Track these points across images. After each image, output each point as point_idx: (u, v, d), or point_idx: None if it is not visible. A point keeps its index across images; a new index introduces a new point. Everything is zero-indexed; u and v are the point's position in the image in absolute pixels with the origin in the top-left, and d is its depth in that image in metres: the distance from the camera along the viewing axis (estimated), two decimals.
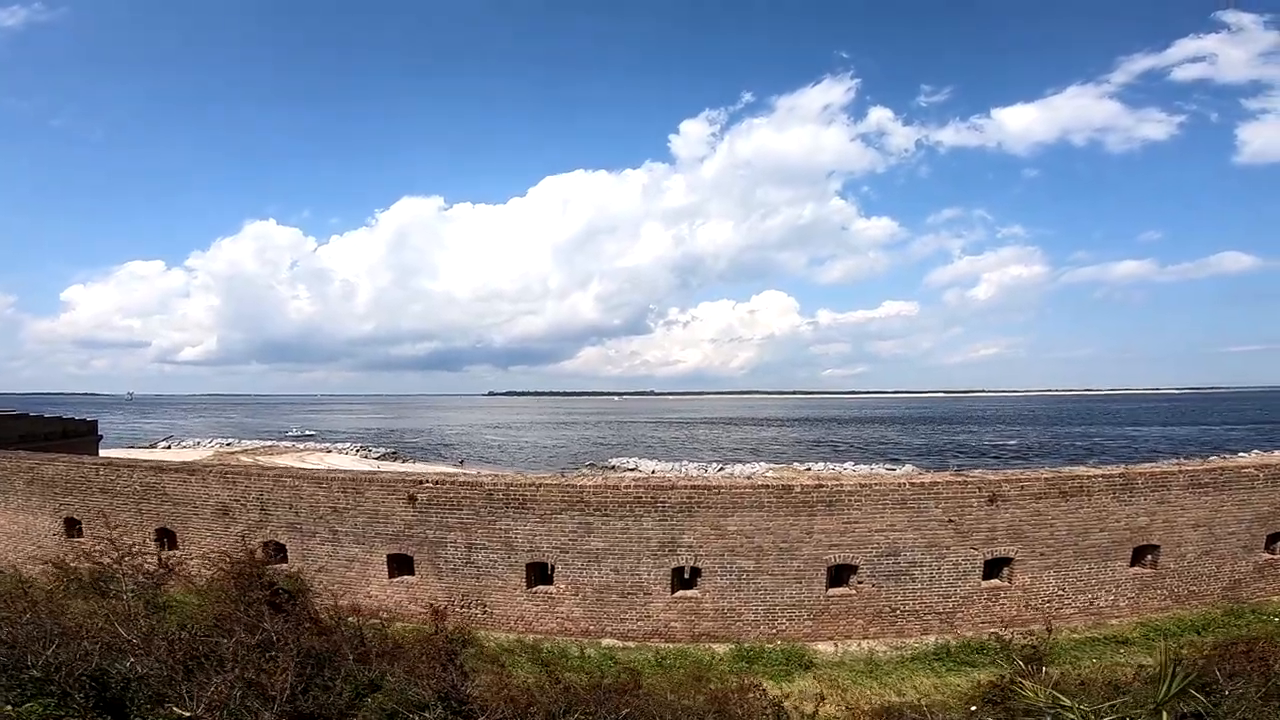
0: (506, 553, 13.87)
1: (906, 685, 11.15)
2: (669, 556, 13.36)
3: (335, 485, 14.52)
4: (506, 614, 14.17)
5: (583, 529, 13.50)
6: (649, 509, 13.25)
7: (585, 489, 13.52)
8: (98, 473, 16.89)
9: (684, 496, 13.18)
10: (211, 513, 15.48)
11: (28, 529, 18.10)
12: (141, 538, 16.46)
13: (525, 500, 13.65)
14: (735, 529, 13.15)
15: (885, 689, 11.05)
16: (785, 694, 9.05)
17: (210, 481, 15.52)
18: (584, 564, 13.65)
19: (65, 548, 17.55)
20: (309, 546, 14.75)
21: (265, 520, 15.02)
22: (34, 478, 17.77)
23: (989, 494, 13.46)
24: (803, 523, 13.12)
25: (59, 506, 17.47)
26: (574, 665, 11.32)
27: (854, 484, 13.35)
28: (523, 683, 5.69)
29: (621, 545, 13.43)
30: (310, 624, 6.53)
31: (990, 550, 13.53)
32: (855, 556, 13.28)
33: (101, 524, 16.88)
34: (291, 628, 5.95)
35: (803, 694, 9.65)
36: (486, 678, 5.68)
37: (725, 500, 13.14)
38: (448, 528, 14.00)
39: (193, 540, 15.84)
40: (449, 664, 5.16)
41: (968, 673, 11.25)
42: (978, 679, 9.60)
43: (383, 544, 14.35)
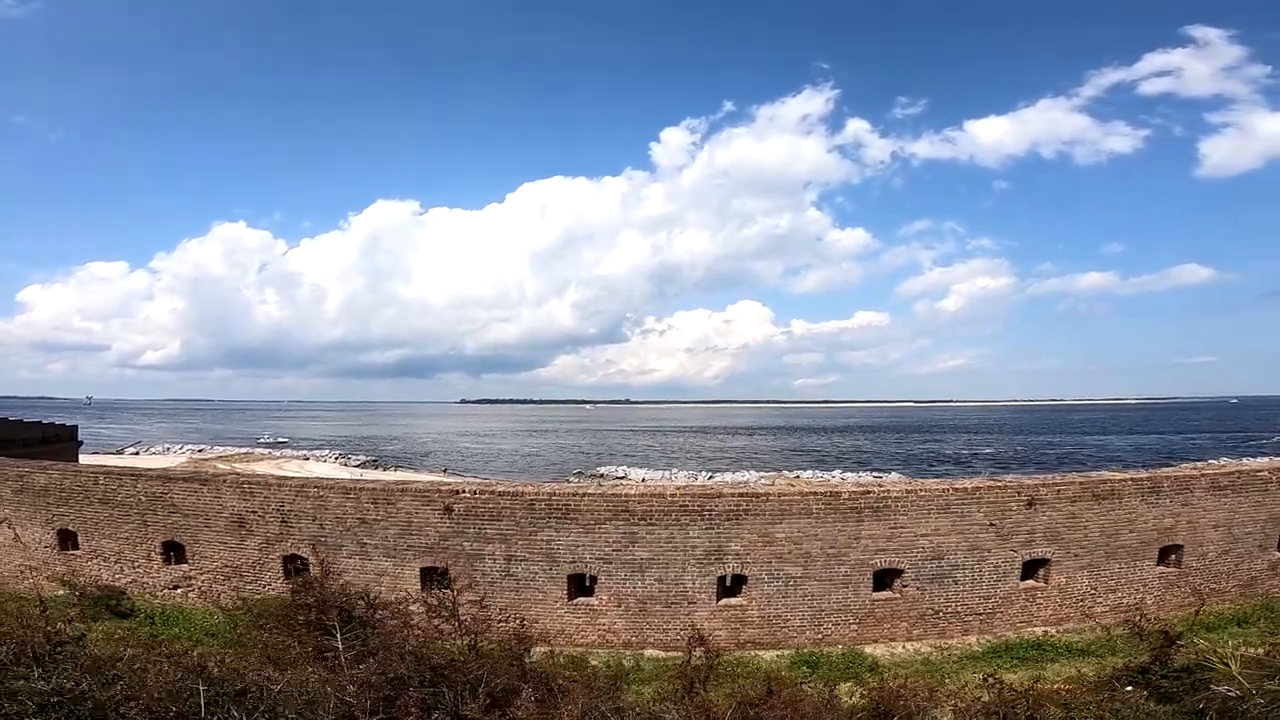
0: (548, 564, 13.54)
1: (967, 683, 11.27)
2: (715, 565, 13.23)
3: (365, 496, 13.94)
4: (546, 628, 13.77)
5: (627, 539, 13.25)
6: (695, 517, 13.08)
7: (630, 498, 13.28)
8: (97, 481, 15.90)
9: (731, 504, 13.05)
10: (225, 525, 14.71)
11: (16, 540, 17.01)
12: (146, 551, 15.68)
13: (568, 510, 13.33)
14: (783, 536, 13.08)
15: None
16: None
17: (224, 492, 14.74)
18: (627, 574, 13.41)
19: (58, 561, 16.59)
20: (334, 560, 14.08)
21: (286, 533, 14.35)
22: (24, 486, 16.64)
23: (1028, 498, 13.67)
24: (850, 528, 13.13)
25: (52, 517, 16.41)
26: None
27: (900, 490, 13.44)
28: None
29: (666, 554, 13.23)
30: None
31: (1028, 552, 13.77)
32: (900, 560, 13.36)
33: (100, 536, 16.04)
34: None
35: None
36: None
37: (774, 507, 13.06)
38: (486, 539, 13.58)
39: (203, 554, 15.06)
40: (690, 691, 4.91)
41: (1047, 666, 11.39)
42: (1076, 670, 9.77)
43: (415, 557, 13.84)
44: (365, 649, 5.29)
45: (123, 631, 11.97)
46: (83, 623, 12.60)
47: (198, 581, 15.26)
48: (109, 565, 15.96)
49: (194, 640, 11.10)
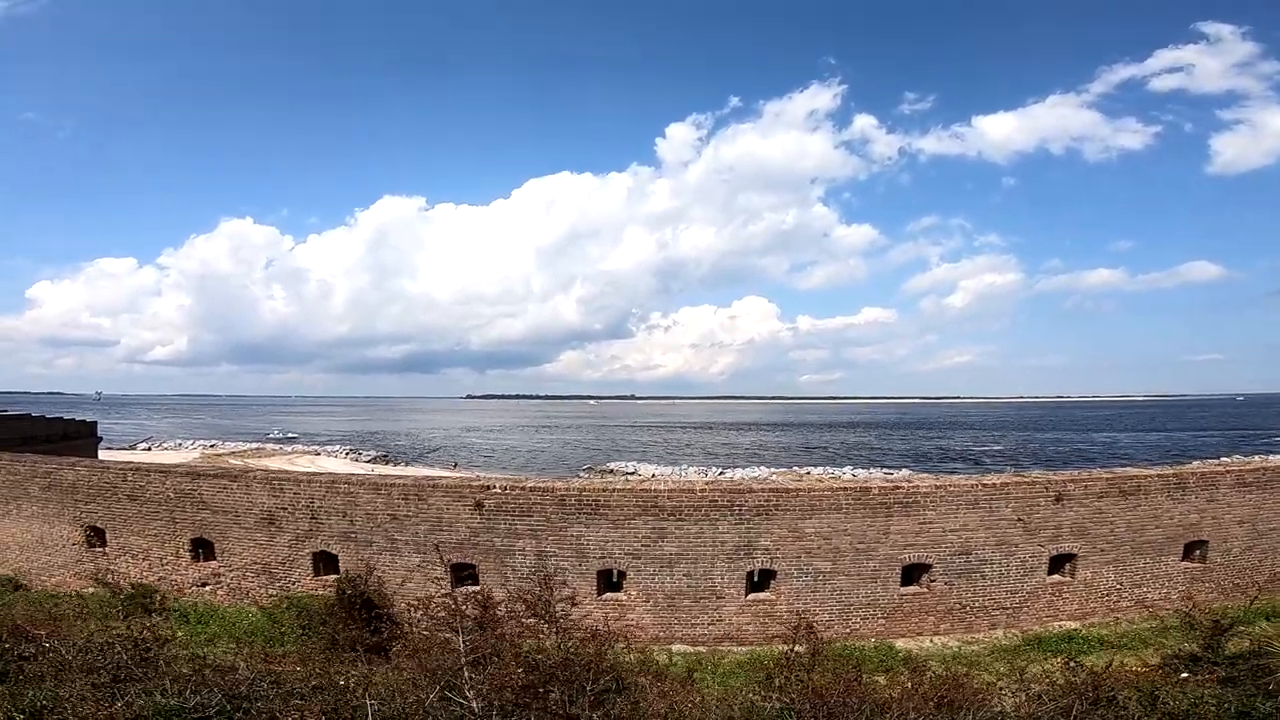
0: (578, 560, 13.61)
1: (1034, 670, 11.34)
2: (744, 560, 13.30)
3: (395, 492, 14.01)
4: (574, 622, 13.91)
5: (656, 534, 13.32)
6: (725, 513, 13.14)
7: (660, 494, 13.34)
8: (125, 479, 15.97)
9: (762, 500, 13.11)
10: (255, 522, 14.79)
11: (42, 539, 17.06)
12: (175, 548, 15.75)
13: (598, 506, 13.39)
14: (813, 531, 13.14)
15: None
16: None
17: (254, 488, 14.81)
18: (656, 569, 13.49)
19: (86, 559, 16.67)
20: (364, 557, 14.19)
21: (316, 530, 14.42)
22: (51, 483, 16.70)
23: (1055, 493, 13.73)
24: (880, 523, 13.20)
25: (79, 515, 16.49)
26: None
27: (929, 486, 13.48)
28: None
29: (696, 550, 13.30)
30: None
31: (1055, 547, 13.83)
32: (929, 555, 13.43)
33: (129, 533, 16.13)
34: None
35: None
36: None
37: (804, 503, 13.12)
38: (516, 535, 13.66)
39: (232, 551, 15.13)
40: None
41: (1081, 658, 11.43)
42: (1115, 660, 9.82)
43: (446, 553, 13.90)
44: (489, 651, 5.32)
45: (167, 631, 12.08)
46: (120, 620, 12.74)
47: (226, 579, 15.33)
48: (137, 563, 16.04)
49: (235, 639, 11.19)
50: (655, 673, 6.99)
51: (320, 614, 10.54)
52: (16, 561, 17.48)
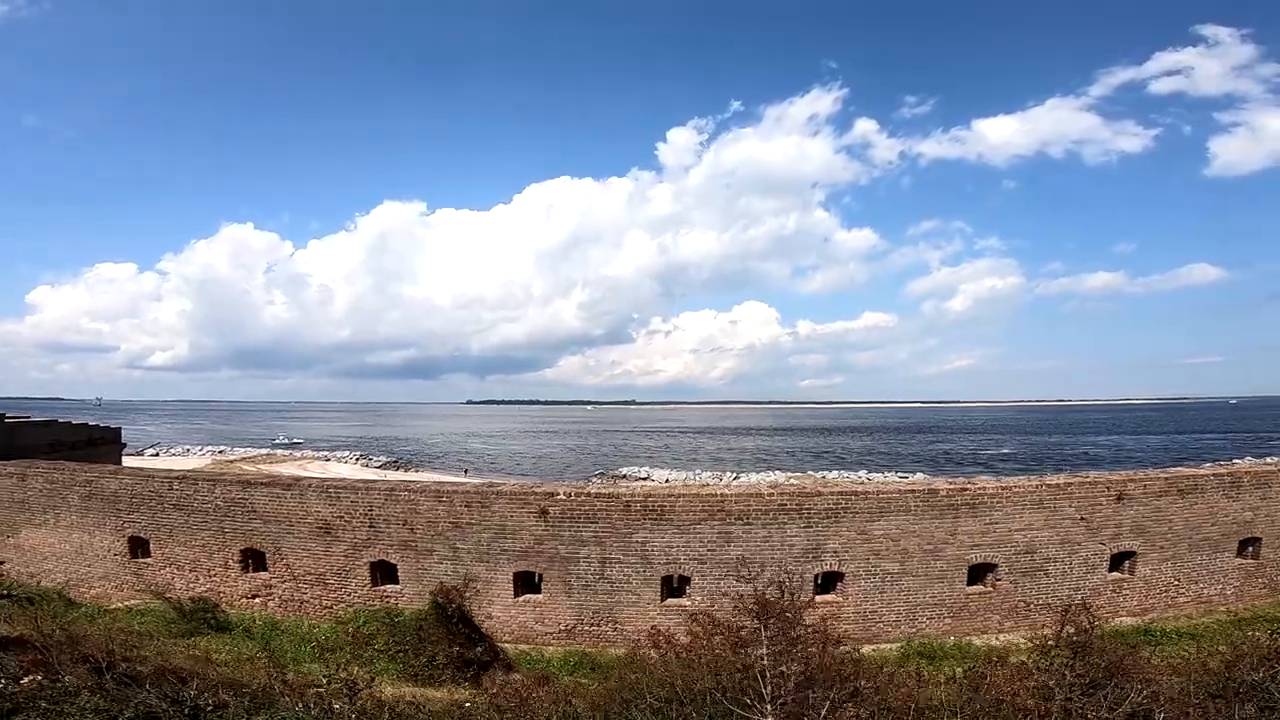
0: (642, 566, 13.54)
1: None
2: (812, 562, 13.29)
3: (458, 499, 13.85)
4: (638, 629, 13.80)
5: (723, 538, 13.29)
6: (794, 516, 13.13)
7: (727, 498, 13.30)
8: (171, 487, 15.66)
9: (831, 503, 13.11)
10: (310, 531, 14.57)
11: (82, 549, 16.70)
12: (224, 559, 15.48)
13: (664, 511, 13.33)
14: (881, 533, 13.17)
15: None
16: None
17: (309, 497, 14.58)
18: (722, 573, 13.45)
19: (129, 570, 16.36)
20: (424, 566, 14.06)
21: (374, 538, 14.23)
22: (92, 492, 16.34)
23: (1116, 493, 13.84)
24: (947, 524, 13.24)
25: (122, 524, 16.16)
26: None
27: (995, 488, 13.56)
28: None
29: (763, 553, 13.27)
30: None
31: (1116, 545, 13.94)
32: (994, 555, 13.49)
33: (175, 544, 15.86)
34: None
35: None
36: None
37: (872, 505, 13.14)
38: (581, 542, 13.55)
39: (286, 562, 14.88)
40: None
41: (1156, 650, 11.49)
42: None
43: (509, 561, 13.78)
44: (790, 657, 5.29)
45: (227, 645, 11.82)
46: (185, 638, 12.48)
47: (279, 590, 15.08)
48: (183, 574, 15.75)
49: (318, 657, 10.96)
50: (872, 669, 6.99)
51: (410, 629, 10.32)
52: (55, 572, 17.10)
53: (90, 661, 4.98)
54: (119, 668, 5.17)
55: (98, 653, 5.27)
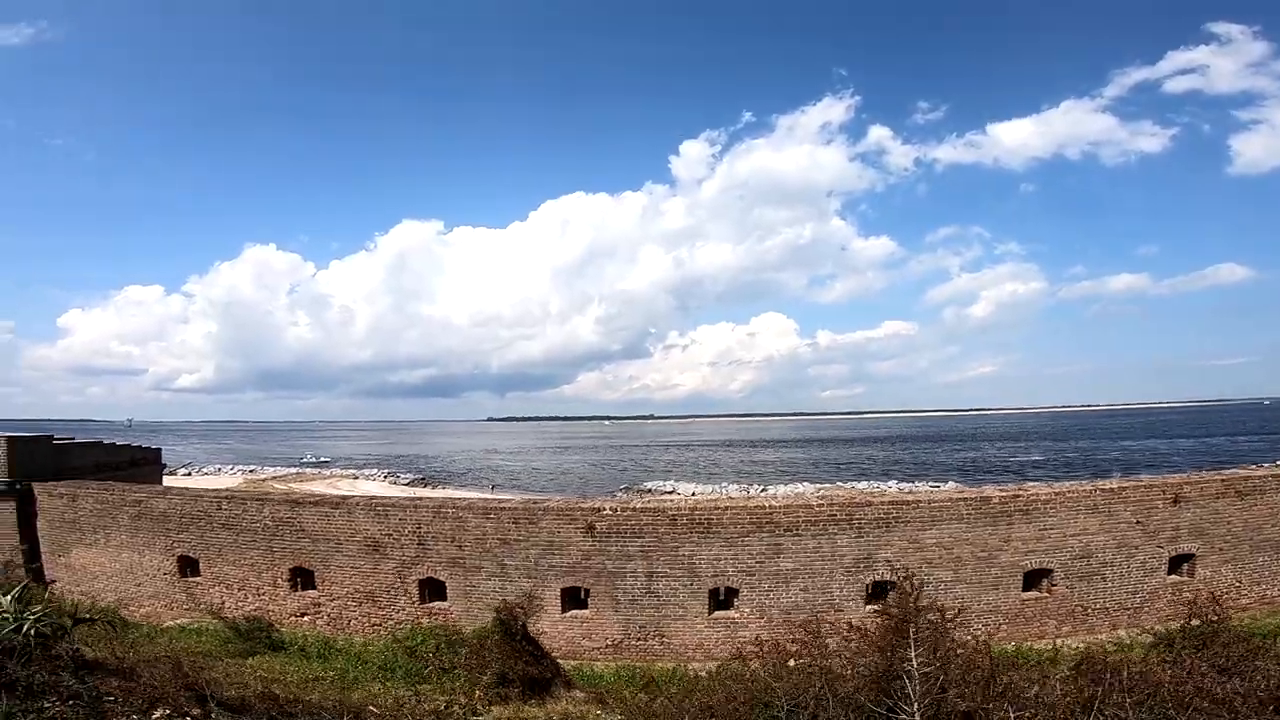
0: (689, 579, 13.49)
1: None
2: (864, 572, 13.16)
3: (505, 516, 13.90)
4: (685, 643, 13.79)
5: (772, 550, 13.20)
6: (844, 526, 13.02)
7: (775, 509, 13.23)
8: (220, 507, 15.87)
9: (881, 512, 13.00)
10: (359, 549, 14.69)
11: (132, 567, 16.96)
12: (273, 577, 15.63)
13: (711, 524, 13.28)
14: (934, 541, 13.01)
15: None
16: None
17: (357, 515, 14.70)
18: (771, 585, 13.36)
19: (178, 589, 16.56)
20: (473, 583, 14.11)
21: (423, 556, 14.31)
22: (141, 512, 16.59)
23: (1173, 495, 13.57)
24: (1001, 531, 13.06)
25: (171, 544, 16.39)
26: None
27: (1049, 493, 13.37)
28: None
29: (814, 564, 13.17)
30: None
31: (1174, 548, 13.66)
32: (1049, 560, 13.29)
33: (224, 563, 16.03)
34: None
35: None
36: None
37: (924, 514, 13.00)
38: (628, 557, 13.53)
39: (334, 580, 15.01)
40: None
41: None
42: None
43: (556, 577, 13.79)
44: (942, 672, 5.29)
45: (292, 666, 11.87)
46: (243, 657, 12.57)
47: (327, 608, 15.20)
48: (232, 593, 15.92)
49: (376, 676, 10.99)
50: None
51: (472, 647, 10.34)
52: (105, 591, 17.33)
53: (195, 689, 5.01)
54: (223, 693, 5.21)
55: (199, 678, 5.30)
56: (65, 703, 4.24)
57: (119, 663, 7.46)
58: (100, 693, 4.58)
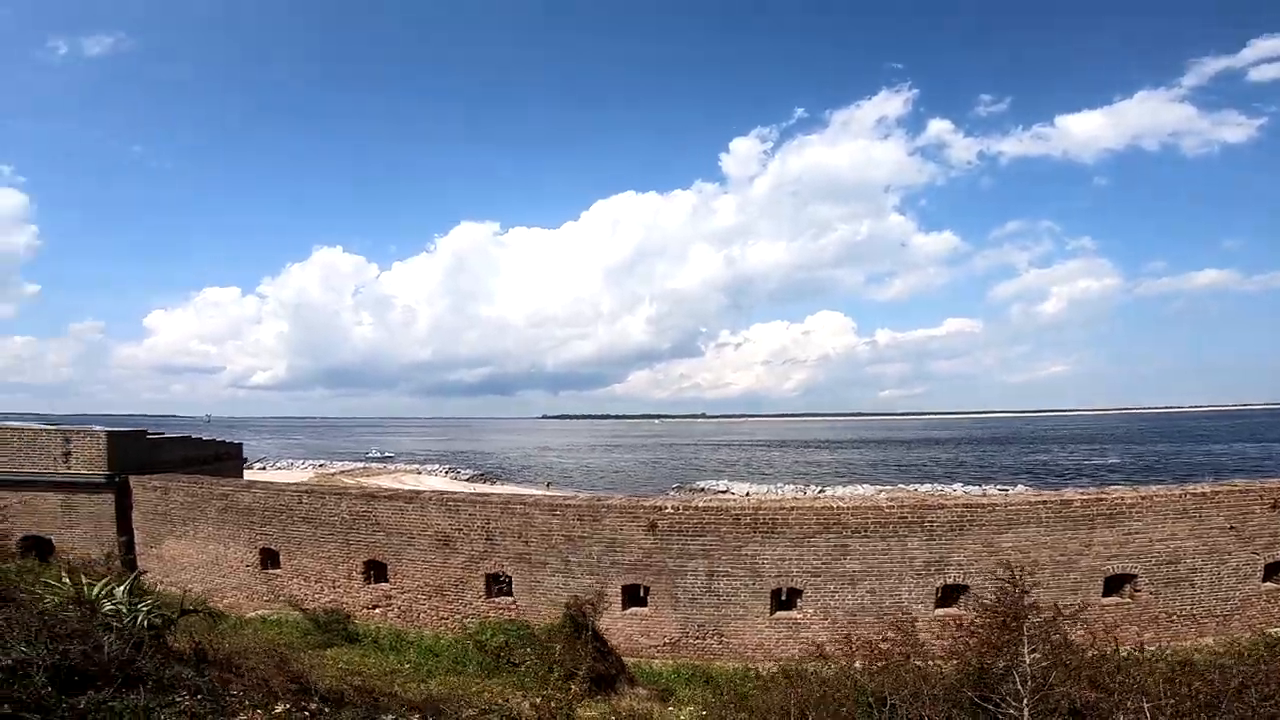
0: (751, 579, 13.45)
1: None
2: (935, 576, 12.87)
3: (570, 512, 14.14)
4: (745, 643, 13.76)
5: (838, 551, 13.04)
6: (915, 529, 12.76)
7: (843, 511, 13.05)
8: (300, 501, 16.59)
9: (955, 515, 12.68)
10: (430, 543, 15.16)
11: (217, 559, 17.87)
12: (348, 570, 16.22)
13: (776, 524, 13.20)
14: (1010, 545, 12.61)
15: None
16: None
17: (429, 510, 15.18)
18: (837, 587, 13.20)
19: (259, 581, 17.36)
20: (538, 578, 14.39)
21: (490, 550, 14.68)
22: (228, 505, 17.46)
23: (1271, 500, 12.80)
24: (1081, 536, 12.57)
25: (255, 536, 17.20)
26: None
27: (1134, 497, 12.80)
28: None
29: (882, 566, 12.95)
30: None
31: (1271, 555, 12.89)
32: (1134, 566, 12.72)
33: (303, 555, 16.72)
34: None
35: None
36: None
37: (1000, 517, 12.63)
38: (689, 555, 13.58)
39: (405, 573, 15.52)
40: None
41: None
42: None
43: (618, 574, 13.94)
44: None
45: (371, 659, 12.33)
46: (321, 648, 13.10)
47: (398, 601, 15.70)
48: (309, 585, 16.59)
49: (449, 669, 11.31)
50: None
51: (540, 642, 10.57)
52: (192, 582, 18.28)
53: (299, 682, 5.28)
54: (320, 686, 5.46)
55: (300, 671, 5.60)
56: (193, 697, 4.47)
57: (215, 653, 7.88)
58: (221, 687, 4.84)
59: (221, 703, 4.51)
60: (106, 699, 4.03)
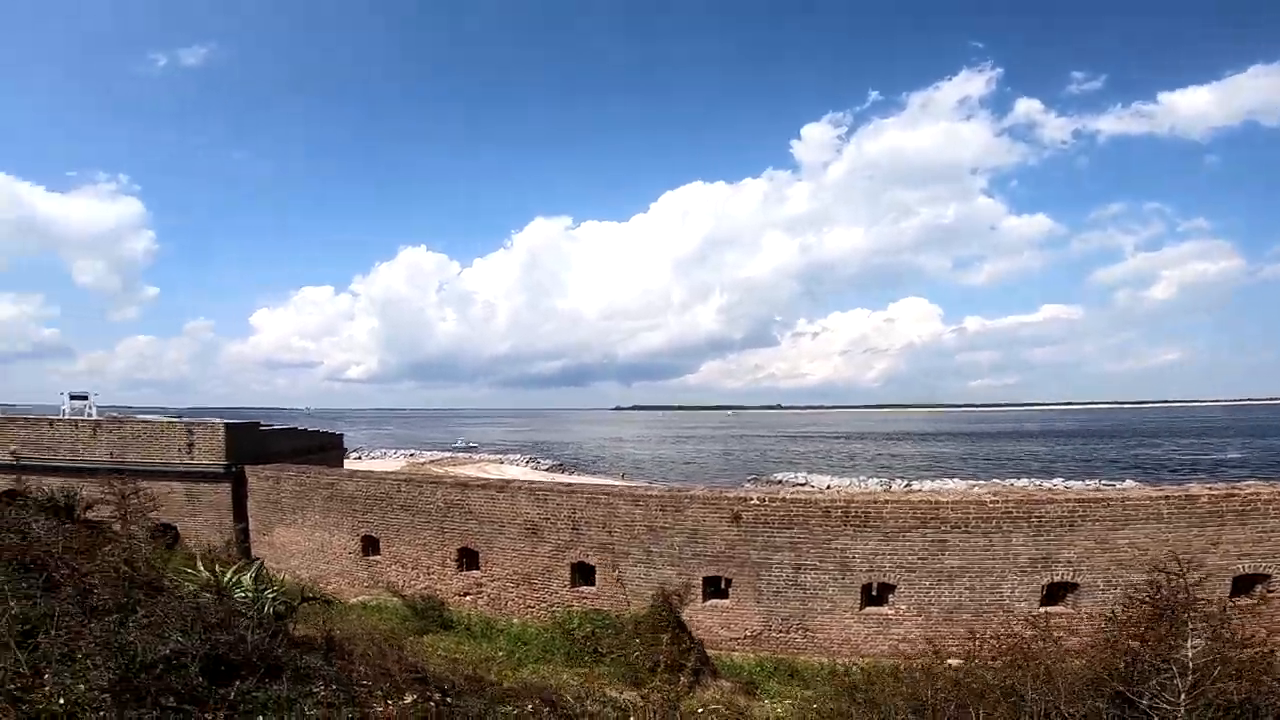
0: (841, 573, 13.13)
1: None
2: (1041, 572, 12.18)
3: (653, 503, 14.22)
4: (831, 637, 13.45)
5: (936, 546, 12.53)
6: (1020, 524, 12.11)
7: (942, 505, 12.54)
8: (399, 489, 17.38)
9: (1065, 510, 11.95)
10: (519, 532, 15.58)
11: (323, 546, 18.94)
12: (442, 557, 16.85)
13: (869, 518, 12.82)
14: (1126, 542, 11.78)
15: None
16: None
17: (520, 499, 15.60)
18: (933, 583, 12.70)
19: (360, 567, 18.28)
20: (620, 569, 14.55)
21: (576, 540, 14.96)
22: (333, 494, 18.45)
23: None
24: (1209, 533, 11.58)
25: (357, 524, 18.12)
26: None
27: (1270, 493, 11.66)
28: None
29: (983, 562, 12.37)
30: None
31: None
32: (1268, 566, 11.61)
33: (401, 543, 17.47)
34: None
35: None
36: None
37: (1116, 513, 11.81)
38: (775, 548, 13.39)
39: (495, 561, 16.00)
40: None
41: None
42: None
43: (700, 565, 13.91)
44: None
45: (466, 646, 12.77)
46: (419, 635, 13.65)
47: (488, 589, 16.20)
48: (406, 571, 17.32)
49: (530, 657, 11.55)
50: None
51: (628, 632, 10.70)
52: (299, 569, 19.42)
53: (414, 670, 5.45)
54: (435, 674, 5.62)
55: (419, 660, 5.79)
56: (328, 687, 4.59)
57: (341, 642, 8.23)
58: (351, 676, 5.03)
59: (351, 693, 4.63)
60: (250, 689, 4.20)
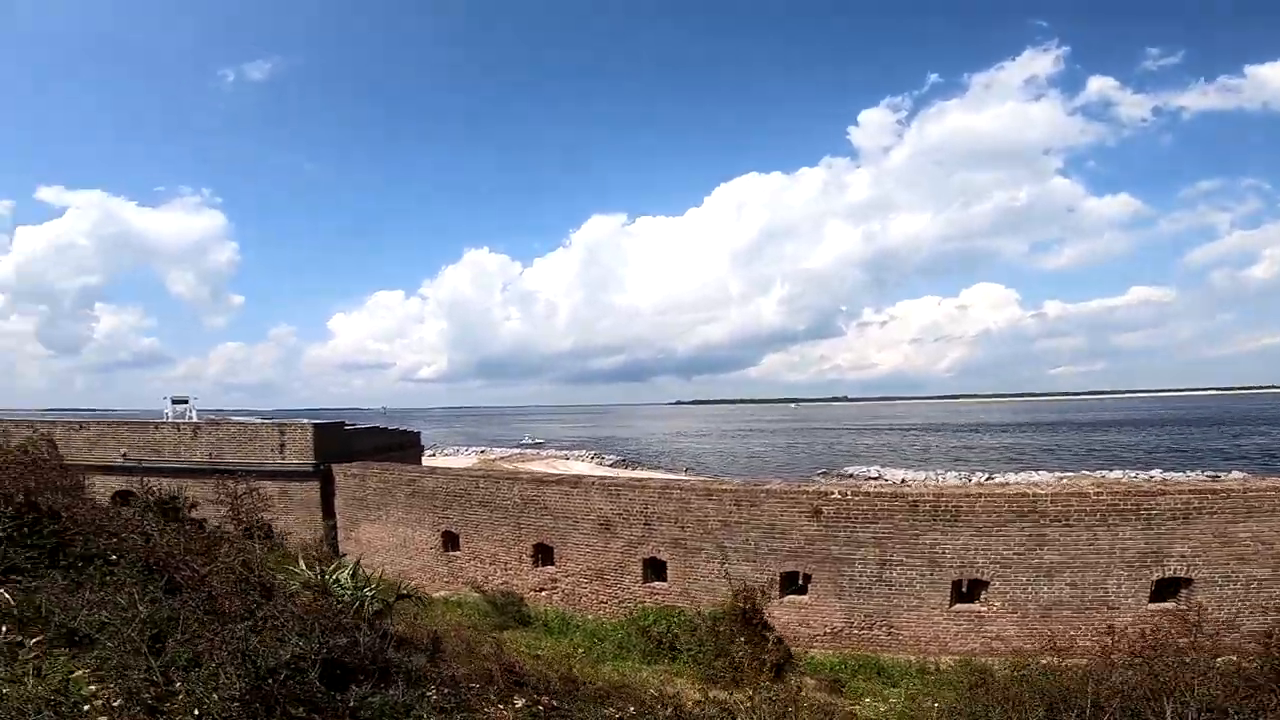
0: (929, 569, 12.57)
1: None
2: (1151, 568, 11.33)
3: (727, 498, 14.00)
4: (917, 635, 12.89)
5: (1034, 541, 11.84)
6: (1128, 517, 11.30)
7: (1041, 498, 11.85)
8: (478, 485, 17.74)
9: (1179, 503, 11.09)
10: (592, 527, 15.64)
11: (405, 542, 19.55)
12: (519, 553, 17.07)
13: (959, 512, 12.23)
14: (1248, 535, 10.83)
15: None
16: None
17: (593, 494, 15.66)
18: (1030, 578, 12.01)
19: (440, 563, 18.76)
20: (693, 564, 14.37)
21: (648, 535, 14.89)
22: (415, 490, 19.04)
23: None
24: None
25: (438, 520, 18.61)
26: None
27: None
28: None
29: (1086, 557, 11.60)
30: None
31: None
32: None
33: (479, 539, 17.80)
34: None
35: None
36: None
37: (1237, 505, 10.88)
38: (858, 543, 12.94)
39: (570, 556, 16.10)
40: None
41: None
42: None
43: (776, 561, 13.58)
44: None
45: (546, 643, 12.85)
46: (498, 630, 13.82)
47: (562, 584, 16.30)
48: (484, 567, 17.62)
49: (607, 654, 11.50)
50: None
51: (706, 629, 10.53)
52: (383, 565, 19.85)
53: (513, 670, 5.38)
54: (531, 675, 5.53)
55: (516, 660, 5.76)
56: (439, 690, 4.49)
57: (444, 642, 8.22)
58: (457, 679, 4.95)
59: (462, 697, 4.51)
60: (367, 694, 4.09)
